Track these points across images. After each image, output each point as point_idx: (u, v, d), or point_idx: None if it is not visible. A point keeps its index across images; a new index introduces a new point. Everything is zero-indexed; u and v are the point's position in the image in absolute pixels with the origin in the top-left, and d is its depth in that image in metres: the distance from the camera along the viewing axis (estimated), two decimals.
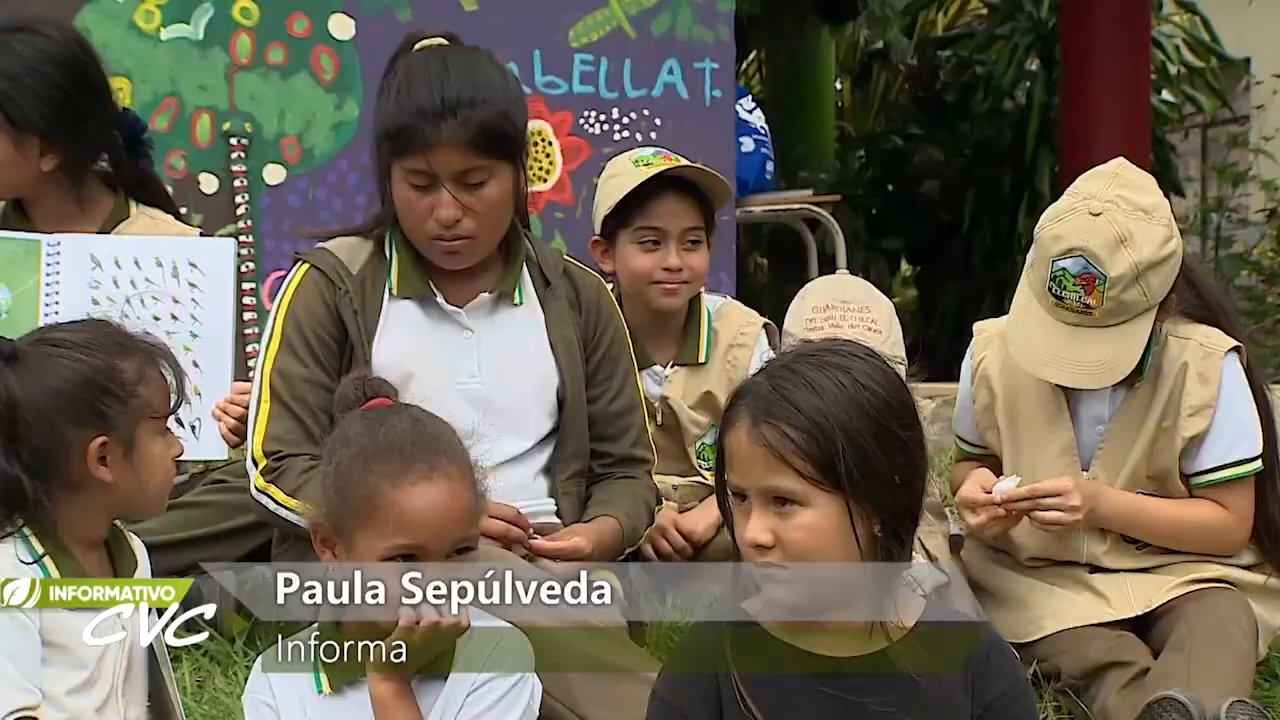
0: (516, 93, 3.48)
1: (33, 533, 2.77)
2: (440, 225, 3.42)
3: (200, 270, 3.85)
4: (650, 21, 6.19)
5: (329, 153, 5.94)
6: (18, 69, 3.78)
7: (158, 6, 5.70)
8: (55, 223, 3.92)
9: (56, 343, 2.80)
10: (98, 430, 2.77)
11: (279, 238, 5.91)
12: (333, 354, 3.47)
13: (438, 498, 2.65)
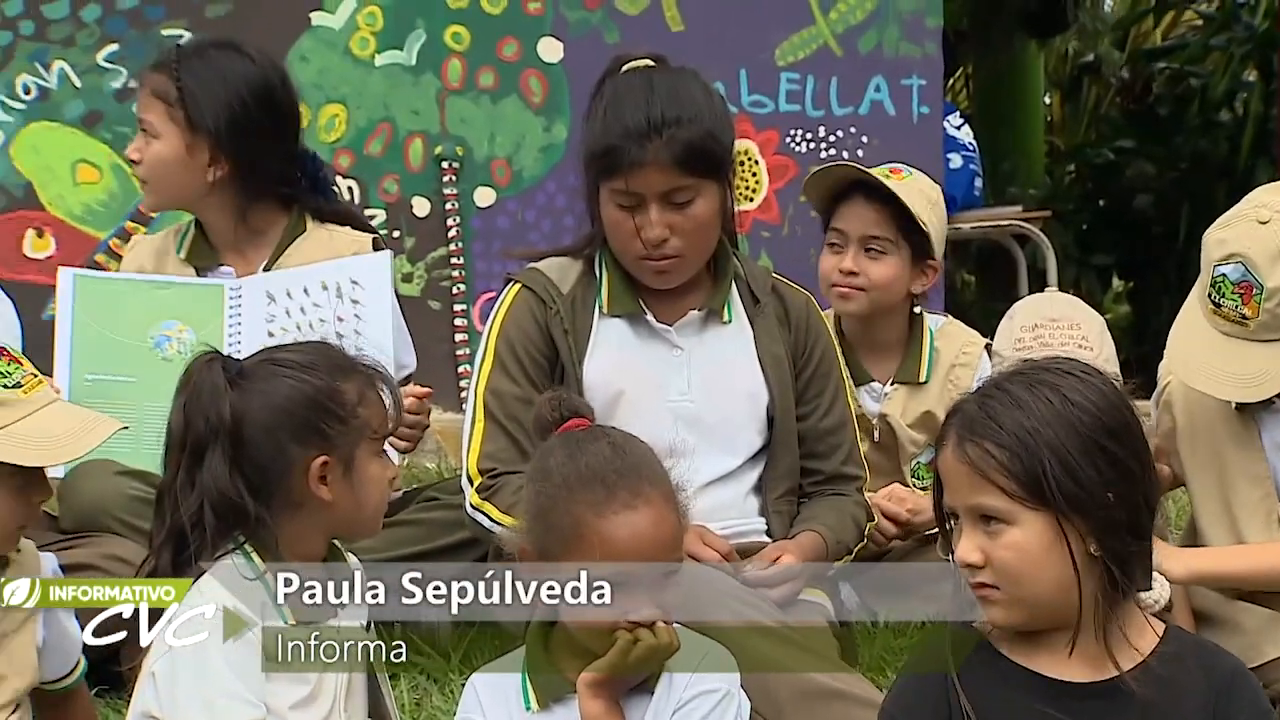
0: (722, 111, 3.49)
1: (254, 549, 2.82)
2: (648, 245, 3.43)
3: (360, 285, 3.90)
4: (857, 39, 6.16)
5: (538, 175, 6.00)
6: (209, 74, 3.87)
7: (372, 34, 5.79)
8: (232, 247, 3.99)
9: (281, 362, 2.85)
10: (319, 449, 2.81)
11: (489, 259, 5.98)
12: (544, 372, 3.50)
13: (642, 526, 2.66)
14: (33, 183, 5.55)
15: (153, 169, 3.90)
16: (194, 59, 3.89)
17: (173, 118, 3.86)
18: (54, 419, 2.92)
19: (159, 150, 3.88)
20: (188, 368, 2.83)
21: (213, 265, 3.98)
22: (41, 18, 5.49)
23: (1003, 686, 2.53)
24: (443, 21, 5.83)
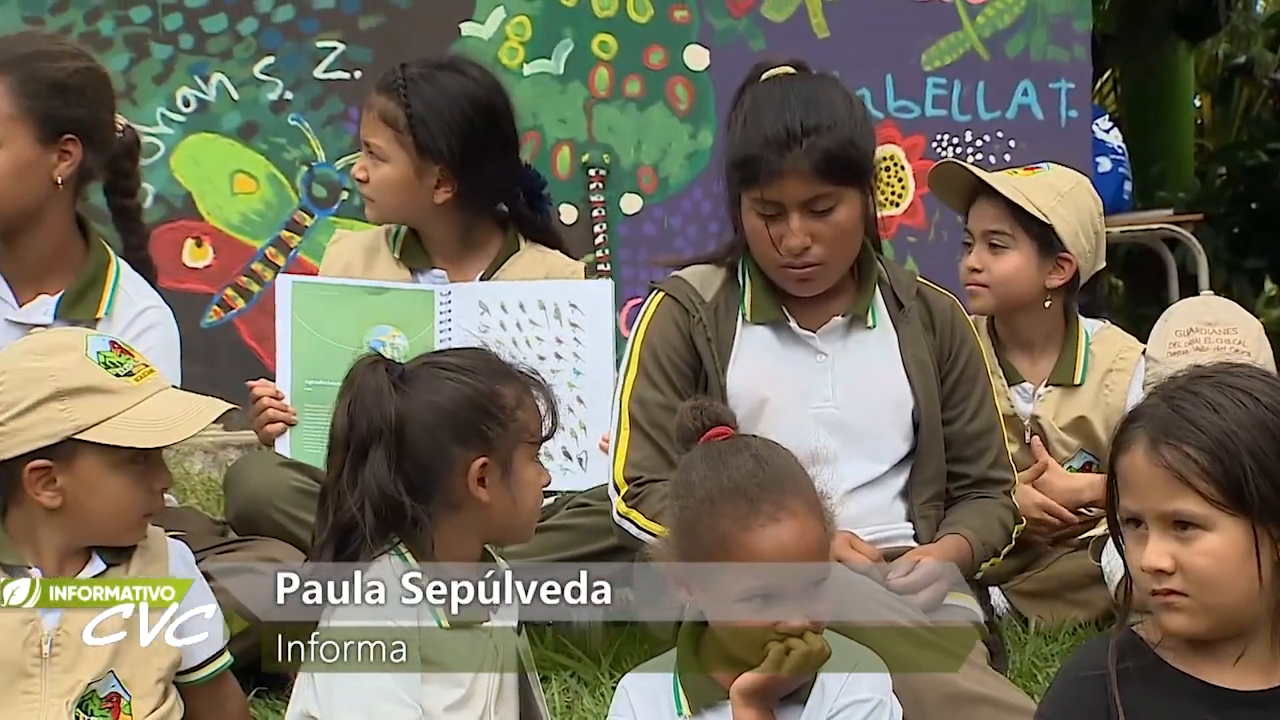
0: (862, 118, 3.48)
1: (409, 550, 2.86)
2: (789, 253, 3.43)
3: (580, 311, 3.94)
4: (1004, 43, 6.13)
5: (684, 181, 6.01)
6: (437, 99, 3.91)
7: (521, 43, 5.85)
8: (447, 258, 4.04)
9: (442, 365, 2.90)
10: (479, 451, 2.85)
11: (635, 266, 6.00)
12: (688, 380, 3.51)
13: (787, 538, 2.67)
14: (192, 193, 5.65)
15: (380, 190, 3.96)
16: (420, 83, 3.92)
17: (401, 143, 3.91)
18: (165, 404, 2.98)
19: (387, 173, 3.93)
20: (350, 370, 2.89)
21: (425, 268, 4.04)
22: (201, 32, 5.59)
23: (1164, 693, 2.49)
24: (590, 30, 5.87)
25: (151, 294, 3.75)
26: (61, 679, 2.90)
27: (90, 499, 2.92)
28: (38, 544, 2.96)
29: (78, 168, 3.63)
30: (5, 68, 3.57)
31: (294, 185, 5.71)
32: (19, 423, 2.89)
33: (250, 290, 5.69)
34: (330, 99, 5.68)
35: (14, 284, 3.67)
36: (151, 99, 5.56)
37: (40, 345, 2.99)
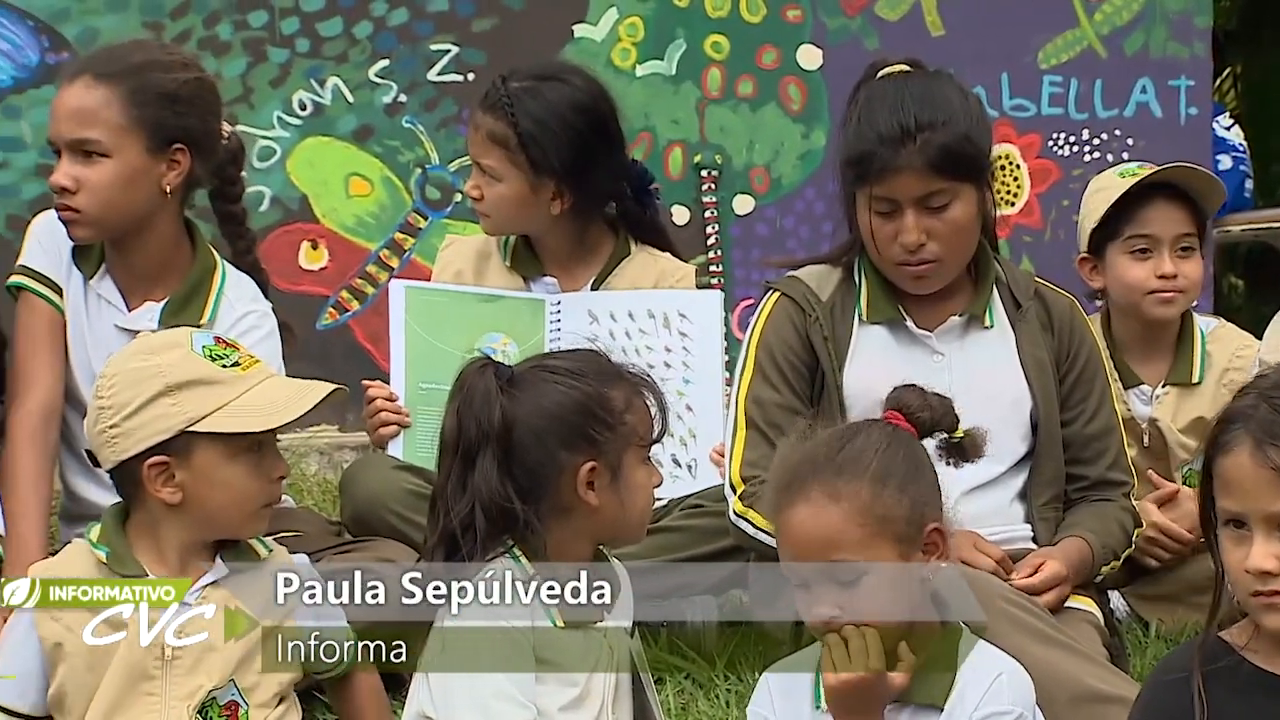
0: (979, 114, 3.47)
1: (522, 552, 2.86)
2: (905, 250, 3.42)
3: (690, 320, 3.94)
4: (1123, 40, 6.06)
5: (796, 182, 6.00)
6: (545, 114, 3.91)
7: (633, 44, 5.85)
8: (559, 263, 4.05)
9: (551, 369, 2.90)
10: (587, 455, 2.85)
11: (748, 267, 5.99)
12: (805, 380, 3.50)
13: (795, 522, 2.73)
14: (307, 196, 5.69)
15: (495, 207, 3.96)
16: (525, 98, 3.91)
17: (514, 162, 3.90)
18: (272, 389, 3.01)
19: (502, 192, 3.93)
20: (460, 373, 2.90)
21: (536, 275, 4.05)
22: (317, 35, 5.63)
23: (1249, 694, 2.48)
24: (703, 31, 5.87)
25: (255, 299, 3.78)
26: (182, 682, 2.93)
27: (209, 491, 2.95)
28: (161, 544, 2.99)
29: (186, 176, 3.66)
30: (117, 77, 3.60)
31: (408, 188, 5.74)
32: (132, 422, 2.93)
33: (365, 292, 5.72)
34: (444, 101, 5.71)
35: (125, 290, 3.72)
36: (268, 103, 5.61)
37: (146, 345, 3.03)
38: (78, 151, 3.59)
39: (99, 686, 2.91)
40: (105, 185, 3.58)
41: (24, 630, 2.96)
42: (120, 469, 2.97)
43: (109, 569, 2.96)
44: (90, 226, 3.62)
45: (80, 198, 3.58)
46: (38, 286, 3.70)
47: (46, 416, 3.63)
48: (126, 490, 3.00)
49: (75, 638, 2.93)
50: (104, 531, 3.01)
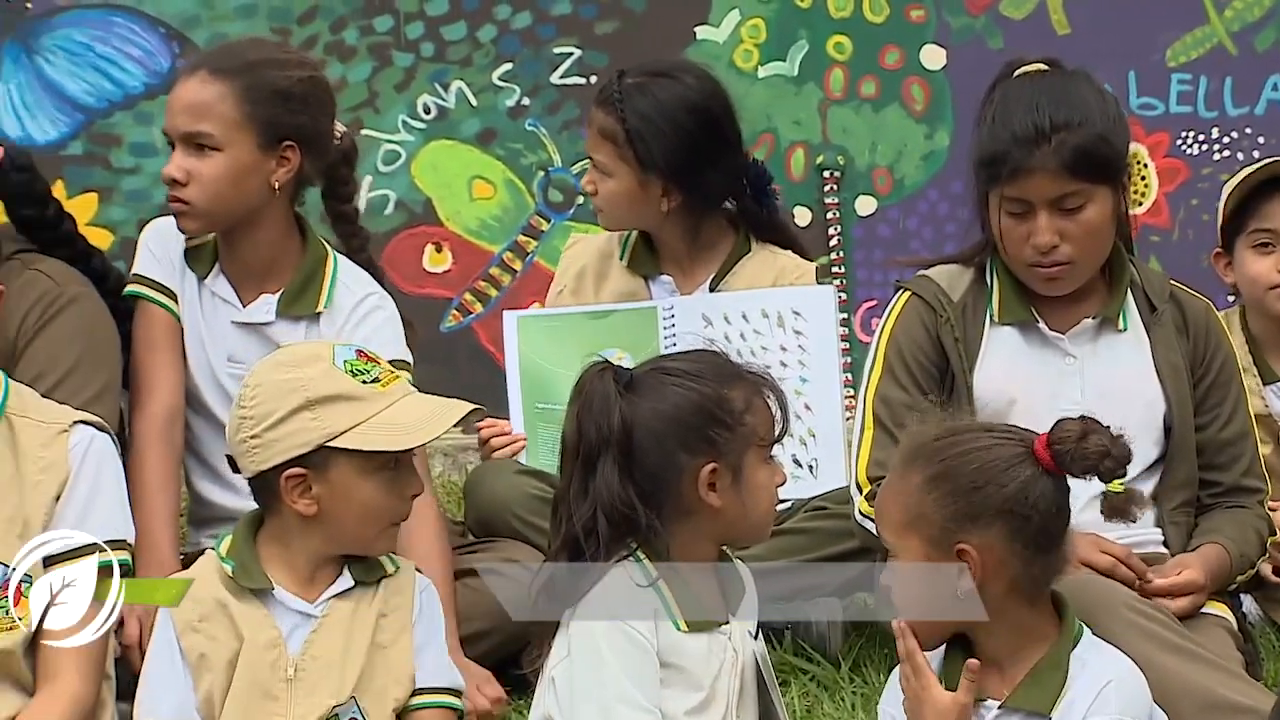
0: (1115, 114, 3.44)
1: (646, 556, 2.87)
2: (1037, 252, 3.39)
3: (803, 317, 3.92)
4: (1253, 37, 5.97)
5: (919, 182, 5.96)
6: (654, 111, 3.90)
7: (755, 46, 5.83)
8: (676, 261, 4.04)
9: (670, 371, 2.91)
10: (708, 457, 2.85)
11: (870, 268, 5.97)
12: (934, 380, 3.49)
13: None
14: (431, 199, 5.72)
15: (608, 202, 3.96)
16: (636, 96, 3.90)
17: (623, 158, 3.90)
18: (411, 407, 3.04)
19: (613, 188, 3.93)
20: (580, 377, 2.91)
21: (654, 274, 4.05)
22: (441, 39, 5.66)
23: None
24: (825, 31, 5.84)
25: (371, 282, 3.81)
26: (305, 702, 2.97)
27: (343, 506, 2.98)
28: (291, 554, 3.03)
29: (295, 174, 3.69)
30: (232, 73, 3.64)
31: (530, 190, 5.76)
32: (273, 433, 2.96)
33: (488, 295, 5.75)
34: (566, 104, 5.72)
35: (238, 286, 3.76)
36: (393, 106, 5.65)
37: (289, 357, 3.06)
38: (190, 144, 3.62)
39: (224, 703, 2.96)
40: (215, 179, 3.61)
41: (168, 643, 2.99)
42: (258, 478, 3.01)
43: (235, 583, 3.00)
44: (199, 219, 3.66)
45: (190, 190, 3.62)
46: (152, 293, 3.74)
47: (170, 419, 3.68)
48: (263, 499, 3.04)
49: (219, 648, 2.97)
50: (234, 543, 3.04)
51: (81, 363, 3.49)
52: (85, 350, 3.52)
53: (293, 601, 3.01)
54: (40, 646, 2.98)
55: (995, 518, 2.70)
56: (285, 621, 3.00)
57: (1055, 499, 2.75)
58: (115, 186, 5.49)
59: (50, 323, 3.50)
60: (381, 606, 3.03)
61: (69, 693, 2.97)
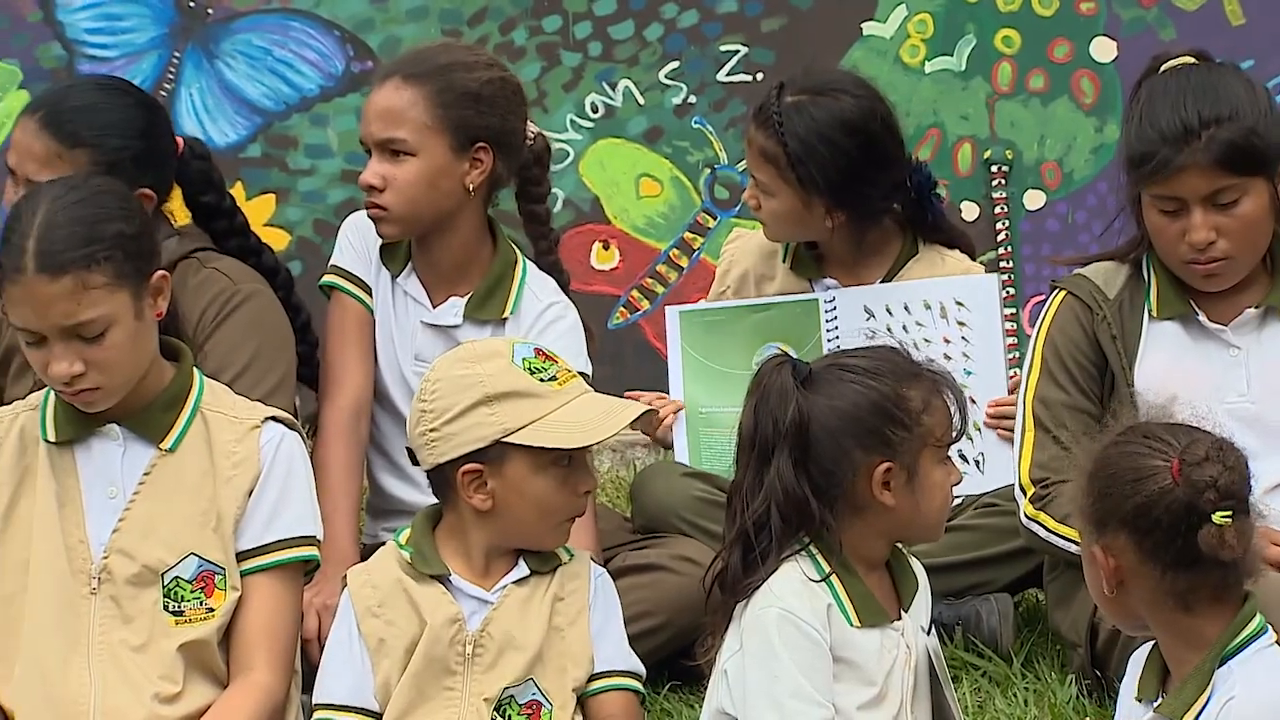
0: (1266, 106, 3.39)
1: (819, 551, 2.88)
2: (1193, 249, 3.36)
3: (967, 308, 3.90)
4: None
5: (1088, 176, 5.91)
6: (813, 135, 3.85)
7: (922, 41, 5.81)
8: (842, 267, 4.02)
9: (848, 368, 2.90)
10: (883, 456, 2.85)
11: (1038, 263, 5.92)
12: (1093, 379, 3.47)
13: None
14: (599, 197, 5.76)
15: (771, 218, 3.94)
16: (795, 118, 3.85)
17: (784, 179, 3.86)
18: (587, 406, 3.07)
19: (775, 207, 3.90)
20: (758, 370, 2.92)
21: (818, 277, 4.03)
22: (608, 38, 5.70)
23: None
24: (993, 25, 5.80)
25: (557, 291, 3.84)
26: (482, 680, 3.01)
27: (518, 501, 3.03)
28: (468, 546, 3.08)
29: (488, 175, 3.74)
30: (423, 78, 3.69)
31: (697, 188, 5.78)
32: (451, 427, 3.01)
33: (655, 292, 5.78)
34: (732, 102, 5.73)
35: (429, 287, 3.81)
36: (561, 106, 5.69)
37: (469, 353, 3.11)
38: (386, 150, 3.68)
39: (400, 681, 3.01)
40: (411, 183, 3.66)
41: (347, 628, 3.06)
42: (436, 471, 3.07)
43: (413, 569, 3.06)
44: (396, 223, 3.71)
45: (387, 195, 3.68)
46: (348, 285, 3.81)
47: (357, 413, 3.74)
48: (440, 492, 3.10)
49: (398, 633, 3.02)
50: (413, 533, 3.10)
51: (257, 358, 3.56)
52: (261, 345, 3.58)
53: (469, 588, 3.06)
54: (233, 638, 3.06)
55: (1120, 526, 2.59)
56: (465, 604, 3.05)
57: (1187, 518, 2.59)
58: (291, 188, 5.59)
59: (227, 319, 3.58)
60: (557, 590, 3.08)
61: (261, 684, 3.03)
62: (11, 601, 3.04)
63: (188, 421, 3.10)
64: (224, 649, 3.06)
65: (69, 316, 2.95)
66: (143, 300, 3.03)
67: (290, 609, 3.10)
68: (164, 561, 3.05)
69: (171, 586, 3.04)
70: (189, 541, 3.06)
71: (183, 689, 3.01)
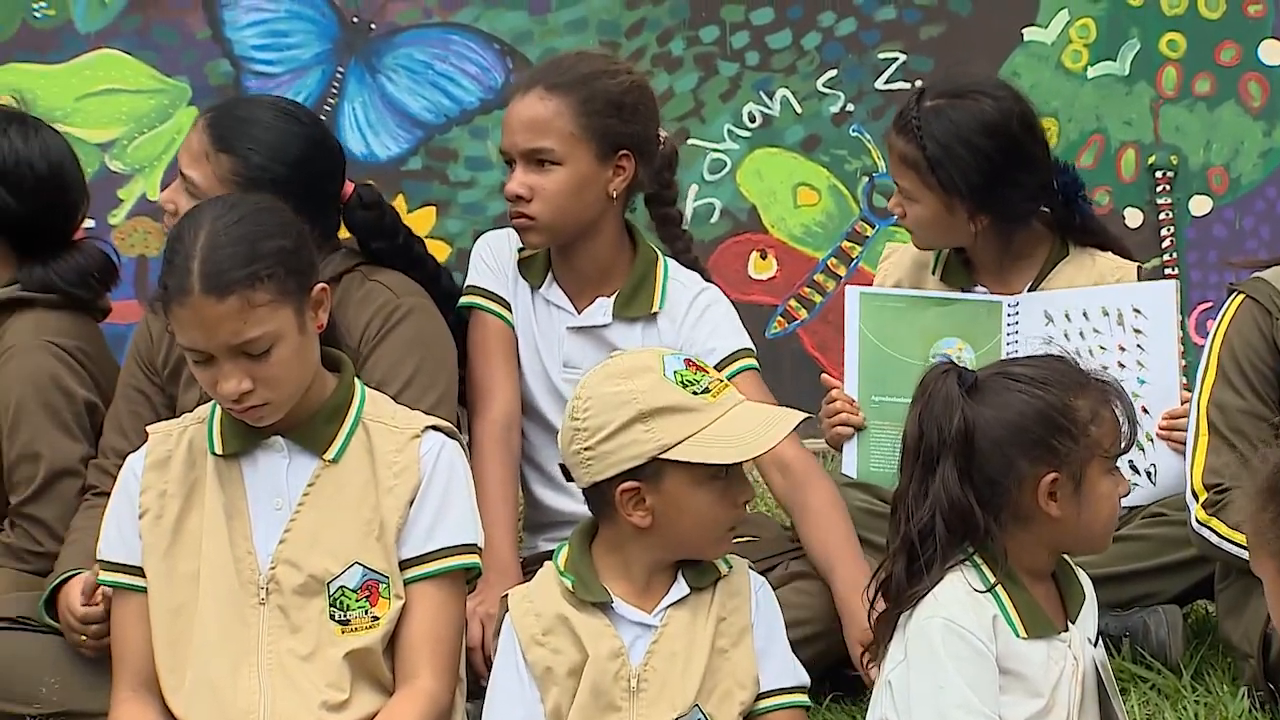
0: None
1: (983, 561, 2.86)
2: None
3: (1143, 315, 3.85)
4: None
5: (1256, 181, 5.83)
6: (952, 137, 3.83)
7: (1085, 46, 5.75)
8: (991, 274, 3.98)
9: (1015, 376, 2.88)
10: (1049, 466, 2.82)
11: (1204, 269, 5.85)
12: (1270, 385, 3.42)
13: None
14: (756, 206, 5.77)
15: (917, 224, 3.91)
16: (933, 121, 3.84)
17: (926, 184, 3.84)
18: (743, 417, 3.04)
19: (919, 213, 3.88)
20: (924, 377, 2.90)
21: (969, 285, 4.00)
22: (766, 48, 5.70)
23: None
24: (1158, 29, 5.73)
25: (702, 280, 3.84)
26: (647, 712, 3.01)
27: (678, 516, 3.01)
28: (628, 562, 3.07)
29: (630, 181, 3.75)
30: (567, 88, 3.70)
31: (855, 196, 5.77)
32: (607, 445, 2.99)
33: (813, 301, 5.77)
34: (891, 109, 5.67)
35: (571, 293, 3.83)
36: (719, 116, 5.70)
37: (619, 369, 3.08)
38: (531, 161, 3.69)
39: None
40: (558, 193, 3.68)
41: (513, 658, 3.06)
42: (593, 489, 3.05)
43: (575, 597, 3.05)
44: (543, 232, 3.73)
45: (534, 205, 3.69)
46: (486, 303, 3.83)
47: (508, 425, 3.76)
48: (597, 508, 3.09)
49: (563, 660, 3.03)
50: (570, 555, 3.09)
51: (420, 371, 3.59)
52: (423, 359, 3.61)
53: (631, 613, 3.05)
54: (398, 646, 3.08)
55: None
56: (626, 633, 3.04)
57: None
58: (452, 200, 5.65)
59: (390, 333, 3.61)
60: (719, 611, 3.06)
61: (426, 692, 3.05)
62: (181, 613, 3.09)
63: (350, 432, 3.13)
64: (389, 657, 3.08)
65: (236, 335, 2.98)
66: (305, 314, 3.07)
67: (453, 617, 3.12)
68: (329, 571, 3.08)
69: (337, 596, 3.07)
70: (353, 551, 3.08)
71: (349, 697, 3.04)
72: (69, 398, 3.64)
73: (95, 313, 3.81)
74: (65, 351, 3.66)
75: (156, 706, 3.09)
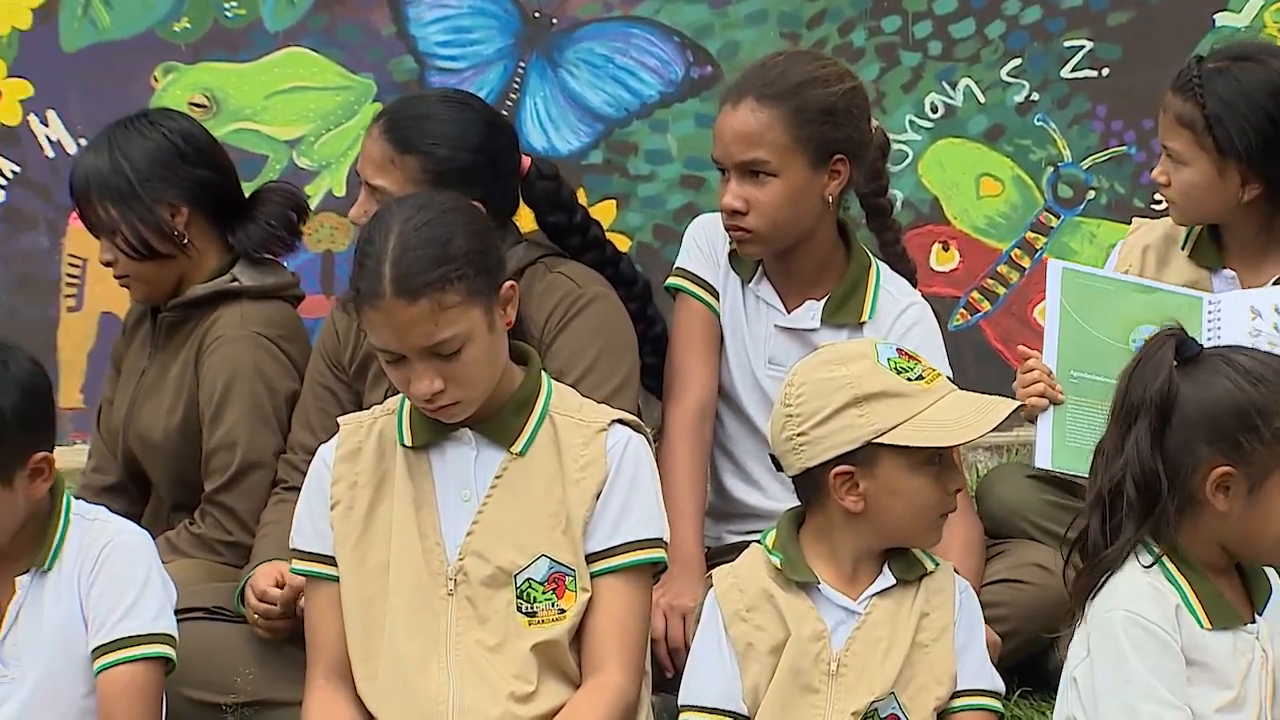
0: None
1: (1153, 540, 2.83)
2: None
3: None
4: None
5: None
6: (1235, 96, 3.74)
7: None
8: (1244, 257, 3.88)
9: (1232, 363, 2.84)
10: (1227, 460, 2.79)
11: None
12: None
13: None
14: (938, 198, 5.72)
15: (1182, 194, 3.82)
16: (1216, 80, 3.75)
17: (1200, 145, 3.75)
18: (956, 404, 3.07)
19: (1188, 177, 3.79)
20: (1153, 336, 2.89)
21: (1218, 266, 3.90)
22: (949, 37, 5.65)
23: None
24: None
25: (912, 292, 3.84)
26: (845, 697, 3.02)
27: (891, 501, 3.03)
28: (836, 550, 3.09)
29: (845, 184, 3.74)
30: (780, 98, 3.68)
31: (1039, 186, 5.70)
32: (820, 430, 3.02)
33: (996, 293, 5.71)
34: (1076, 98, 5.63)
35: (782, 293, 3.82)
36: (900, 106, 5.66)
37: (834, 355, 3.11)
38: (746, 172, 3.68)
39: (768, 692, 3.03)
40: (774, 205, 3.67)
41: (715, 632, 3.09)
42: (804, 475, 3.07)
43: (781, 575, 3.07)
44: (761, 244, 3.73)
45: (751, 218, 3.68)
46: (693, 288, 3.83)
47: (702, 414, 3.77)
48: (807, 495, 3.10)
49: (766, 637, 3.05)
50: (779, 537, 3.12)
51: (600, 360, 3.62)
52: (604, 348, 3.64)
53: (837, 598, 3.06)
54: (584, 639, 3.11)
55: None
56: (829, 616, 3.06)
57: None
58: (632, 193, 5.66)
59: (571, 322, 3.65)
60: (923, 605, 3.07)
61: (613, 685, 3.08)
62: (373, 603, 3.13)
63: (537, 425, 3.16)
64: (575, 650, 3.11)
65: (428, 337, 3.02)
66: (494, 312, 3.10)
67: (639, 610, 3.13)
68: (516, 563, 3.11)
69: (524, 588, 3.10)
70: (540, 543, 3.11)
71: (536, 688, 3.07)
72: (271, 390, 3.73)
73: (292, 300, 3.89)
74: (270, 341, 3.76)
75: (348, 695, 3.14)
